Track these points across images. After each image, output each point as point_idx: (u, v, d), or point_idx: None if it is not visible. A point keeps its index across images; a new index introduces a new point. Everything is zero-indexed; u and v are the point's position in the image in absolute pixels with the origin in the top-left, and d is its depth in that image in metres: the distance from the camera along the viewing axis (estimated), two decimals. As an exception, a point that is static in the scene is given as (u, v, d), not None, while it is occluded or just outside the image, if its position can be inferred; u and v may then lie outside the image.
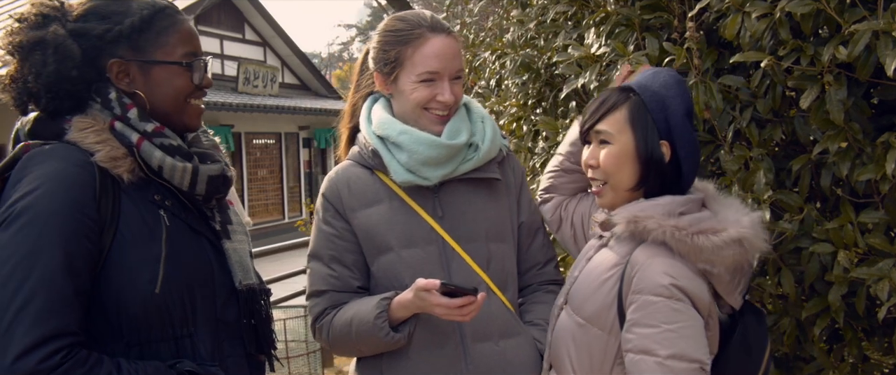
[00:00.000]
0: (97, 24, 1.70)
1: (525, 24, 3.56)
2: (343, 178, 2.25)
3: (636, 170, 1.95)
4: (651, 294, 1.80)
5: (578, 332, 1.97)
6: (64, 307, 1.48)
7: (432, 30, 2.13)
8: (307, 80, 22.84)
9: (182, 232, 1.71)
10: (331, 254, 2.20)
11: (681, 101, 1.96)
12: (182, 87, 1.77)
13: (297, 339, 6.11)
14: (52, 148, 1.62)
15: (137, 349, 1.62)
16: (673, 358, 1.75)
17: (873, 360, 2.50)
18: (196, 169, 1.74)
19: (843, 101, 2.08)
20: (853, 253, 2.15)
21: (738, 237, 1.82)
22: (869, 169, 2.08)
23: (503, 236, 2.24)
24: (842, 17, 2.07)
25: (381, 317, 2.05)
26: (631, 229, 1.87)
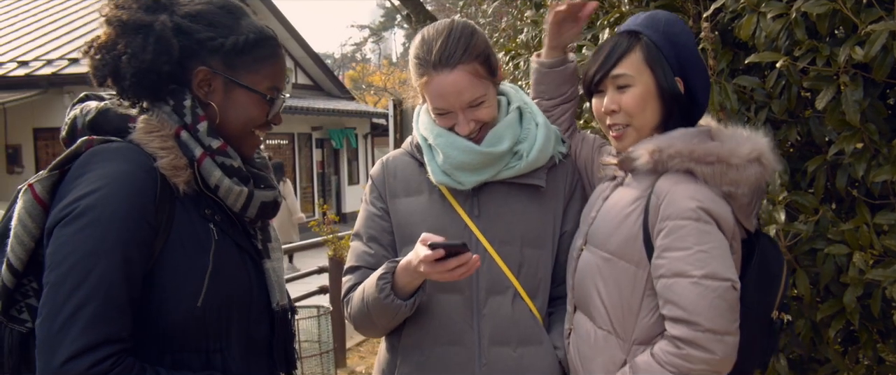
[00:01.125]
0: (203, 28, 1.69)
1: (539, 25, 3.56)
2: (392, 165, 2.29)
3: (659, 109, 1.98)
4: (679, 218, 1.84)
5: (605, 267, 1.99)
6: (117, 313, 1.47)
7: (435, 67, 2.06)
8: (320, 81, 22.89)
9: (228, 247, 1.70)
10: (370, 233, 2.24)
11: (688, 36, 2.02)
12: (255, 118, 1.76)
13: (311, 339, 6.11)
14: (118, 147, 1.60)
15: (169, 357, 1.60)
16: (707, 278, 1.80)
17: (889, 362, 2.49)
18: (251, 193, 1.74)
19: (860, 102, 2.07)
20: (869, 254, 2.15)
21: (758, 155, 1.87)
22: (885, 170, 2.07)
23: (540, 242, 2.19)
24: (858, 18, 2.06)
25: (384, 278, 2.04)
26: (655, 158, 1.91)
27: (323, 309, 6.27)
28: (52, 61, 13.70)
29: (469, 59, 2.07)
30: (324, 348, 6.15)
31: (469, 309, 2.14)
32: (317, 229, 7.95)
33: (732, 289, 1.81)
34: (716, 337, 1.79)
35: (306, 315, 6.12)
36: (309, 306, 6.36)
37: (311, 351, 6.07)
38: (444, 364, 2.14)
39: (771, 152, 1.90)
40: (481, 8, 5.19)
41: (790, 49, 2.23)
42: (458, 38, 2.08)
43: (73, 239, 1.47)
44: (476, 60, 2.08)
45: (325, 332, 6.18)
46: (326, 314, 6.19)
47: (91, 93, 1.80)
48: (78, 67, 12.99)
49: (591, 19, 3.12)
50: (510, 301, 2.15)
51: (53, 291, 1.45)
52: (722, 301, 1.80)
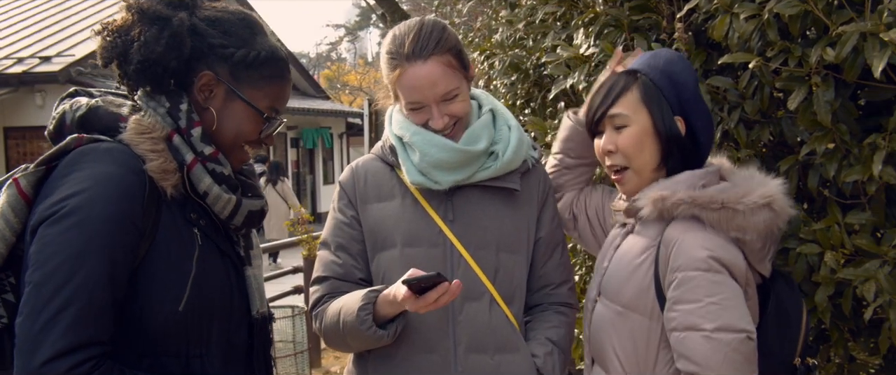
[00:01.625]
0: (218, 35, 1.69)
1: (514, 25, 3.57)
2: (362, 170, 2.25)
3: (657, 149, 1.95)
4: (690, 269, 1.79)
5: (618, 320, 1.96)
6: (100, 316, 1.46)
7: (409, 59, 2.05)
8: (295, 80, 22.77)
9: (212, 253, 1.70)
10: (338, 242, 2.19)
11: (690, 74, 1.97)
12: (248, 133, 1.75)
13: (285, 340, 6.09)
14: (108, 148, 1.58)
15: (148, 360, 1.59)
16: (720, 331, 1.75)
17: (859, 360, 2.51)
18: (239, 202, 1.74)
19: (831, 103, 2.09)
20: (840, 253, 2.16)
21: (768, 201, 1.83)
22: (856, 170, 2.09)
23: (515, 247, 2.18)
24: (829, 19, 2.08)
25: (365, 310, 2.00)
26: (658, 208, 1.87)
27: (298, 309, 6.25)
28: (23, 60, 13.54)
29: (441, 51, 2.07)
30: (298, 348, 6.13)
31: (444, 315, 2.10)
32: (291, 229, 7.93)
33: (748, 340, 1.77)
34: None
35: (281, 315, 6.10)
36: (283, 306, 6.34)
37: (286, 352, 6.05)
38: (419, 371, 2.11)
39: (783, 197, 1.87)
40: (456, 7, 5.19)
41: (763, 50, 2.24)
42: (429, 32, 2.08)
43: (59, 240, 1.45)
44: (449, 53, 2.08)
45: (300, 332, 6.16)
46: (301, 314, 6.17)
47: (80, 89, 1.77)
48: (49, 65, 12.86)
49: (566, 19, 3.13)
50: (487, 307, 2.13)
51: (36, 290, 1.43)
52: (737, 353, 1.76)
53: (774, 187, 1.87)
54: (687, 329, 1.79)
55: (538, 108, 3.49)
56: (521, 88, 3.53)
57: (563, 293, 2.28)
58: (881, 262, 2.09)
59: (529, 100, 3.56)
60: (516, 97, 3.59)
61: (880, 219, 2.16)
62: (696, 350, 1.77)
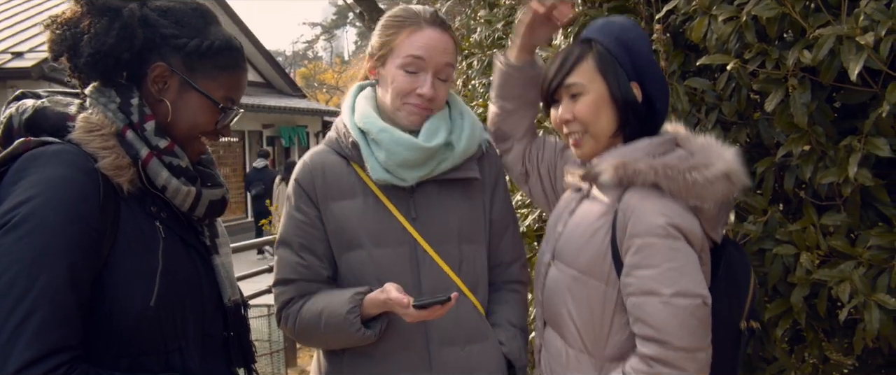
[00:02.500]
0: (170, 25, 1.67)
1: (493, 24, 3.57)
2: (318, 164, 2.20)
3: (614, 116, 1.95)
4: (648, 235, 1.80)
5: (575, 285, 1.96)
6: (66, 321, 1.43)
7: (430, 23, 2.12)
8: (271, 79, 22.70)
9: (176, 245, 1.67)
10: (301, 242, 2.15)
11: (644, 42, 1.99)
12: (203, 124, 1.73)
13: (261, 339, 6.06)
14: (56, 150, 1.54)
15: (127, 360, 1.57)
16: (677, 296, 1.77)
17: (834, 361, 2.53)
18: (199, 193, 1.71)
19: (807, 105, 2.11)
20: (815, 255, 2.18)
21: (726, 171, 1.84)
22: (831, 172, 2.11)
23: (475, 237, 2.21)
24: (806, 22, 2.09)
25: (353, 313, 2.01)
26: (619, 174, 1.87)
27: (273, 307, 6.21)
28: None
29: (452, 34, 2.17)
30: (274, 347, 6.11)
31: None
32: (267, 227, 7.89)
33: (703, 305, 1.79)
34: (688, 355, 1.77)
35: (256, 314, 6.07)
36: (259, 305, 6.31)
37: (262, 351, 6.02)
38: (395, 368, 2.12)
39: (739, 167, 1.88)
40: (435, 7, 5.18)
41: (740, 52, 2.25)
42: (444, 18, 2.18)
43: (14, 249, 1.42)
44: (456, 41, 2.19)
45: (276, 331, 6.14)
46: (276, 313, 6.14)
47: (28, 90, 1.74)
48: (21, 61, 12.68)
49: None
50: None
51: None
52: (693, 318, 1.77)
53: (731, 158, 1.88)
54: (645, 294, 1.80)
55: (516, 108, 3.49)
56: (500, 88, 3.52)
57: (516, 271, 2.33)
58: (856, 263, 2.11)
59: (508, 100, 3.56)
60: (494, 97, 3.58)
61: (855, 221, 2.18)
62: (653, 315, 1.78)
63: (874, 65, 1.99)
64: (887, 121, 2.04)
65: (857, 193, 2.15)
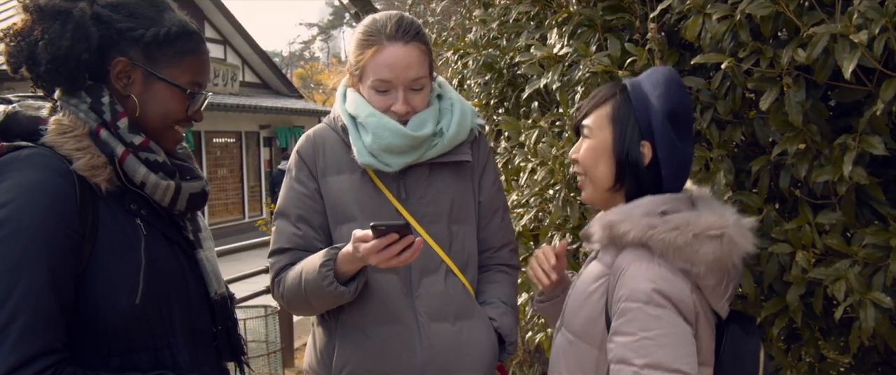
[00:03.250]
0: (124, 18, 1.65)
1: (488, 24, 3.57)
2: (320, 139, 2.26)
3: (612, 169, 1.87)
4: (630, 300, 1.71)
5: (570, 349, 1.90)
6: (49, 324, 1.42)
7: (390, 38, 2.11)
8: (268, 79, 22.69)
9: (158, 241, 1.67)
10: (299, 213, 2.20)
11: (664, 102, 1.84)
12: (174, 112, 1.71)
13: (258, 340, 6.04)
14: (28, 154, 1.53)
15: (117, 359, 1.56)
16: (648, 367, 1.65)
17: (830, 359, 2.54)
18: (179, 187, 1.70)
19: (802, 103, 2.10)
20: (811, 253, 2.18)
21: (717, 233, 1.72)
22: (826, 170, 2.10)
23: (465, 217, 2.26)
24: (801, 20, 2.09)
25: (326, 266, 2.03)
26: (607, 234, 1.80)
27: (270, 308, 6.21)
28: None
29: (420, 41, 2.14)
30: (271, 348, 6.09)
31: (404, 289, 2.17)
32: (264, 228, 7.88)
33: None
34: None
35: (253, 314, 6.06)
36: (256, 306, 6.29)
37: (259, 352, 6.01)
38: (386, 342, 2.16)
39: (740, 230, 1.76)
40: (430, 6, 5.18)
41: (735, 50, 2.25)
42: (410, 21, 2.16)
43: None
44: (425, 45, 2.16)
45: (273, 332, 6.12)
46: (274, 314, 6.13)
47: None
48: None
49: (539, 19, 3.14)
50: (443, 278, 2.20)
51: None
52: None
53: (731, 220, 1.76)
54: (619, 363, 1.70)
55: (512, 108, 3.49)
56: (495, 88, 3.53)
57: (505, 255, 2.38)
58: (851, 262, 2.11)
59: (503, 100, 3.57)
60: (490, 96, 3.59)
61: (850, 219, 2.18)
62: None
63: (868, 63, 1.99)
64: (882, 120, 2.03)
65: (852, 192, 2.15)
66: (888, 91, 1.96)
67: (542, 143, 2.86)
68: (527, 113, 3.31)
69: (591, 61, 2.57)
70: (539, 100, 3.24)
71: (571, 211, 2.79)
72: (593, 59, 2.56)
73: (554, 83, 2.74)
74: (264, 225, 7.98)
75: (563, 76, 2.74)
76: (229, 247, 7.86)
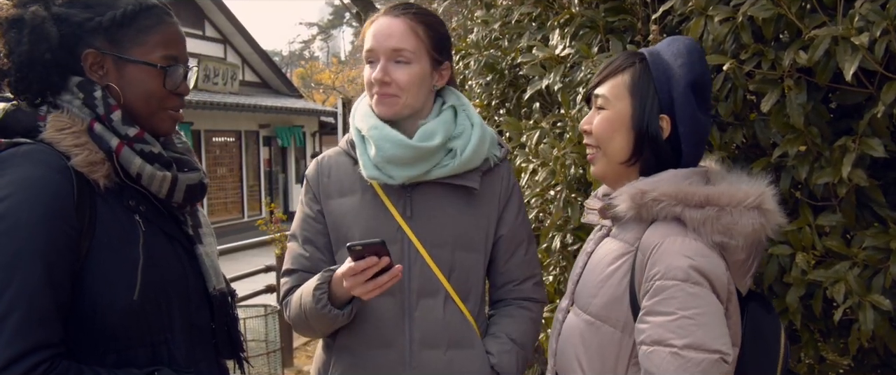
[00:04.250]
0: (80, 11, 1.64)
1: (489, 25, 3.57)
2: (327, 164, 2.27)
3: (629, 142, 1.81)
4: (666, 278, 1.63)
5: (588, 331, 1.81)
6: (44, 320, 1.43)
7: (384, 14, 2.14)
8: (268, 78, 22.70)
9: (157, 237, 1.67)
10: (306, 236, 2.22)
11: (686, 72, 1.78)
12: (154, 90, 1.70)
13: (258, 339, 6.05)
14: (28, 150, 1.54)
15: (114, 355, 1.57)
16: (689, 348, 1.59)
17: (829, 361, 2.54)
18: (175, 178, 1.70)
19: (803, 105, 2.11)
20: (811, 255, 2.18)
21: (757, 202, 1.68)
22: (827, 172, 2.11)
23: (473, 246, 2.19)
24: (802, 23, 2.10)
25: (320, 289, 2.03)
26: (637, 203, 1.72)
27: (270, 308, 6.22)
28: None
29: (415, 18, 2.12)
30: (271, 347, 6.10)
31: (401, 311, 2.13)
32: (263, 227, 7.88)
33: (720, 362, 1.60)
34: None
35: (253, 314, 6.07)
36: (256, 305, 6.31)
37: (259, 351, 6.02)
38: (375, 366, 2.13)
39: (773, 200, 1.71)
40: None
41: (737, 52, 2.26)
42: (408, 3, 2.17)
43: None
44: (421, 24, 2.13)
45: (273, 331, 6.13)
46: (274, 313, 6.14)
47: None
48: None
49: (541, 20, 3.14)
50: (441, 304, 2.14)
51: None
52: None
53: (764, 188, 1.72)
54: (655, 344, 1.63)
55: (513, 109, 3.49)
56: (497, 89, 3.53)
57: (528, 288, 2.29)
58: (851, 264, 2.11)
59: (504, 101, 3.57)
60: (491, 97, 3.59)
61: (850, 221, 2.18)
62: (661, 368, 1.61)
63: (869, 65, 1.99)
64: (882, 122, 2.04)
65: (852, 194, 2.15)
66: (889, 93, 1.96)
67: (544, 144, 2.86)
68: (528, 114, 3.32)
69: (592, 62, 2.57)
70: (540, 101, 3.24)
71: (572, 211, 2.80)
72: (595, 61, 2.57)
73: (556, 84, 2.75)
74: (264, 224, 7.96)
75: (564, 77, 2.75)
76: (228, 246, 7.88)
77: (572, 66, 2.73)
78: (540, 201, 3.04)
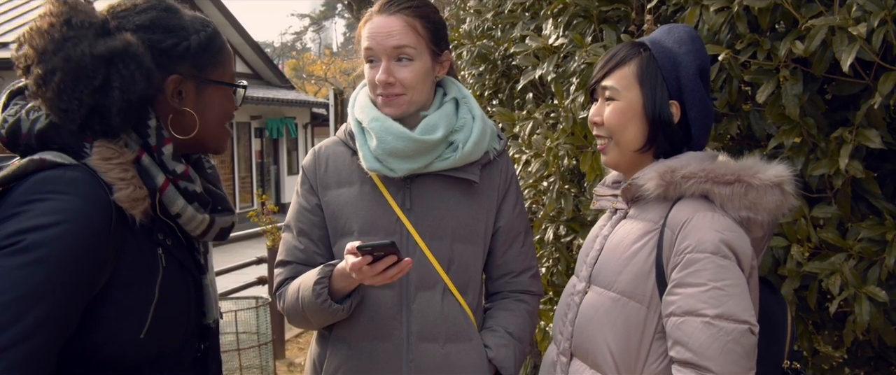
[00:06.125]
0: (163, 37, 1.58)
1: (482, 15, 3.55)
2: (324, 155, 2.24)
3: (643, 130, 1.84)
4: (697, 251, 1.68)
5: (614, 308, 1.83)
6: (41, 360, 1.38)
7: (378, 11, 2.10)
8: (259, 70, 22.62)
9: (173, 271, 1.63)
10: (300, 227, 2.20)
11: (693, 58, 1.84)
12: (229, 109, 1.70)
13: (249, 331, 6.03)
14: (73, 178, 1.46)
15: None
16: (721, 318, 1.64)
17: (823, 353, 2.53)
18: (213, 221, 1.67)
19: (799, 96, 2.09)
20: (806, 247, 2.17)
21: (780, 181, 1.74)
22: (822, 164, 2.10)
23: (471, 238, 2.18)
24: (798, 13, 2.08)
25: (320, 284, 2.02)
26: (666, 180, 1.76)
27: (261, 300, 6.20)
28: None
29: (411, 13, 2.09)
30: (262, 339, 6.08)
31: (399, 304, 2.12)
32: (255, 219, 7.86)
33: (749, 334, 1.65)
34: None
35: (245, 306, 6.04)
36: (248, 297, 6.29)
37: (250, 343, 6.00)
38: (372, 358, 2.12)
39: (792, 182, 1.77)
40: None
41: (732, 42, 2.24)
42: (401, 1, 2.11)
43: (13, 274, 1.35)
44: (419, 18, 2.10)
45: (264, 324, 6.11)
46: (265, 305, 6.12)
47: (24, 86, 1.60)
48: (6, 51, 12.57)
49: (534, 9, 3.12)
50: (440, 296, 2.13)
51: None
52: (737, 345, 1.64)
53: (784, 170, 1.78)
54: (686, 314, 1.67)
55: (506, 99, 3.48)
56: (490, 79, 3.52)
57: (525, 280, 2.28)
58: (846, 256, 2.10)
59: (497, 91, 3.55)
60: (484, 88, 3.57)
61: (846, 213, 2.17)
62: (693, 337, 1.65)
63: (866, 56, 1.98)
64: (879, 113, 2.03)
65: (848, 185, 2.14)
66: (886, 84, 1.95)
67: (537, 135, 2.85)
68: (521, 104, 3.30)
69: (586, 52, 2.55)
70: (533, 92, 3.23)
71: (565, 202, 2.78)
72: (589, 50, 2.55)
73: (549, 74, 2.73)
74: (256, 216, 7.94)
75: (558, 67, 2.73)
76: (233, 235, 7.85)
77: (566, 56, 2.71)
78: (533, 192, 3.02)
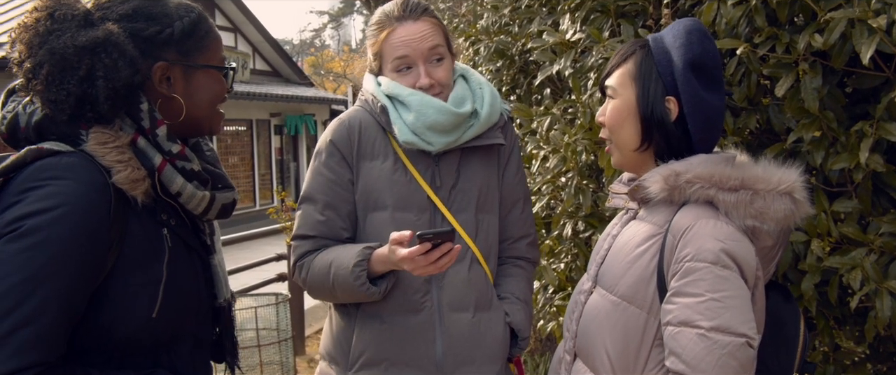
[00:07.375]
0: (146, 25, 1.60)
1: (499, 10, 3.55)
2: (355, 123, 2.24)
3: (637, 128, 1.81)
4: (696, 260, 1.63)
5: (614, 312, 1.80)
6: (49, 340, 1.40)
7: (399, 19, 2.15)
8: (279, 67, 22.68)
9: (180, 251, 1.65)
10: (326, 200, 2.20)
11: (684, 52, 1.76)
12: (219, 92, 1.71)
13: (269, 327, 6.05)
14: (70, 163, 1.49)
15: (118, 360, 1.56)
16: (716, 331, 1.59)
17: (845, 349, 2.51)
18: (213, 198, 1.69)
19: (818, 90, 2.08)
20: (826, 242, 2.16)
21: (789, 188, 1.68)
22: (843, 158, 2.08)
23: (490, 206, 2.27)
24: (818, 5, 2.06)
25: (360, 266, 2.05)
26: (670, 185, 1.72)
27: (281, 296, 6.21)
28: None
29: (431, 15, 2.19)
30: (282, 336, 6.09)
31: (429, 278, 2.17)
32: (275, 216, 7.89)
33: (746, 347, 1.60)
34: None
35: (265, 302, 6.05)
36: (267, 293, 6.30)
37: (270, 339, 6.01)
38: (406, 331, 2.17)
39: (804, 191, 1.71)
40: None
41: (750, 36, 2.23)
42: (416, 2, 2.20)
43: (15, 259, 1.38)
44: (437, 18, 2.21)
45: (284, 320, 6.12)
46: (285, 302, 6.13)
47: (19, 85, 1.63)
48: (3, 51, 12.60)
49: (552, 4, 3.11)
50: (468, 266, 2.21)
51: None
52: (732, 359, 1.58)
53: (795, 176, 1.71)
54: (681, 325, 1.63)
55: (524, 95, 3.47)
56: (507, 75, 3.51)
57: (522, 247, 2.37)
58: (867, 250, 2.08)
59: (515, 87, 3.55)
60: (502, 83, 3.57)
61: (866, 207, 2.15)
62: (687, 349, 1.61)
63: (886, 49, 1.96)
64: (900, 106, 2.01)
65: (868, 179, 2.12)
66: (907, 77, 1.93)
67: (555, 130, 2.84)
68: (539, 100, 3.29)
69: (603, 47, 2.55)
70: (551, 87, 3.22)
71: (584, 198, 2.77)
72: (606, 45, 2.54)
73: (566, 69, 2.72)
74: (275, 213, 7.97)
75: (575, 62, 2.72)
76: (240, 235, 7.88)
77: (583, 51, 2.71)
78: (551, 188, 3.01)
